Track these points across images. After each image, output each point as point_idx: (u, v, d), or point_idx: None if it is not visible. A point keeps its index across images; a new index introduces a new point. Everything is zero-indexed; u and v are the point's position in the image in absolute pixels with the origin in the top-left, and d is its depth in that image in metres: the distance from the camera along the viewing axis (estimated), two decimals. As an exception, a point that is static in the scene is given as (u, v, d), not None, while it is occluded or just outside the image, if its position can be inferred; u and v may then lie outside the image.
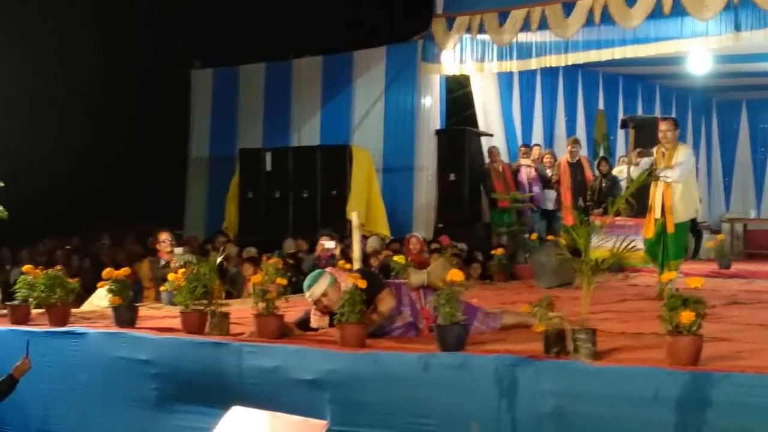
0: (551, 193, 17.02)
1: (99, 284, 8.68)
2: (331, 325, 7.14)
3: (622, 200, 7.50)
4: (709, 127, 23.31)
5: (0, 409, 7.38)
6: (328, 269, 7.50)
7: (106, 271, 8.17)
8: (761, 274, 14.12)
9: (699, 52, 16.17)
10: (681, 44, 14.95)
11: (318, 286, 7.16)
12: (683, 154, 10.40)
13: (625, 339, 6.82)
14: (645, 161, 10.59)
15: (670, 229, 10.04)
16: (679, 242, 10.35)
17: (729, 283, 12.95)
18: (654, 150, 10.65)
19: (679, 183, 10.23)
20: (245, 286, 11.90)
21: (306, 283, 7.26)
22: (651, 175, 10.13)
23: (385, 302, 7.19)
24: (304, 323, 7.42)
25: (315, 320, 7.31)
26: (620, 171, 15.88)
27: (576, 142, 16.68)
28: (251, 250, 13.95)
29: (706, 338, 5.70)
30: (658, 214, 10.22)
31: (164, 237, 12.28)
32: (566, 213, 15.34)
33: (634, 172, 10.77)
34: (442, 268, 7.39)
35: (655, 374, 5.37)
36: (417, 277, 7.58)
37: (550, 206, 17.10)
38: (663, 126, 10.58)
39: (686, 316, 5.51)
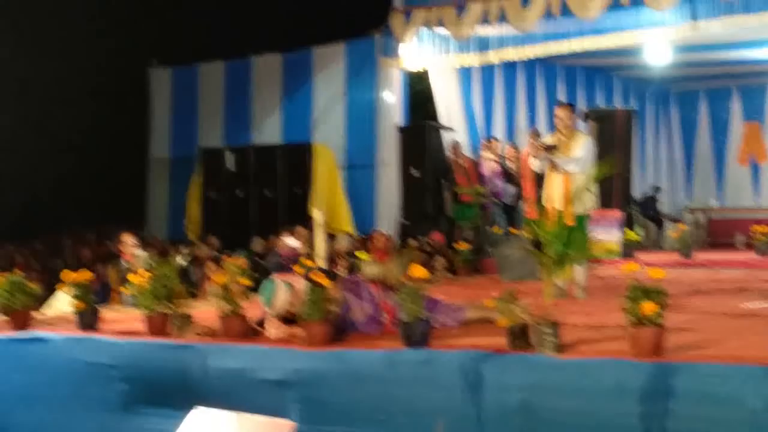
0: (509, 188, 17.07)
1: (58, 286, 8.61)
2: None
3: (579, 193, 7.54)
4: (668, 117, 23.47)
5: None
6: (276, 276, 7.42)
7: (64, 273, 8.09)
8: (724, 263, 14.25)
9: (656, 42, 16.25)
10: (638, 35, 15.03)
11: (279, 299, 7.09)
12: (582, 146, 10.01)
13: (589, 331, 6.85)
14: (543, 155, 10.18)
15: (569, 221, 8.87)
16: (582, 235, 9.74)
17: (692, 272, 13.04)
18: (553, 138, 10.28)
19: (579, 173, 9.80)
20: (204, 286, 11.85)
21: (263, 298, 7.16)
22: (550, 161, 9.97)
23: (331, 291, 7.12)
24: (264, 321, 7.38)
25: (273, 333, 7.20)
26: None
27: (536, 133, 16.70)
28: (204, 249, 13.91)
29: (669, 328, 5.74)
30: (557, 204, 9.66)
31: (127, 239, 12.24)
32: (529, 206, 15.34)
33: (535, 165, 10.48)
34: (398, 267, 7.43)
35: (618, 366, 5.40)
36: (369, 269, 7.62)
37: (508, 200, 17.16)
38: (560, 113, 10.19)
39: (648, 307, 5.54)
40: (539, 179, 15.16)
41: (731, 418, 4.93)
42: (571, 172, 9.81)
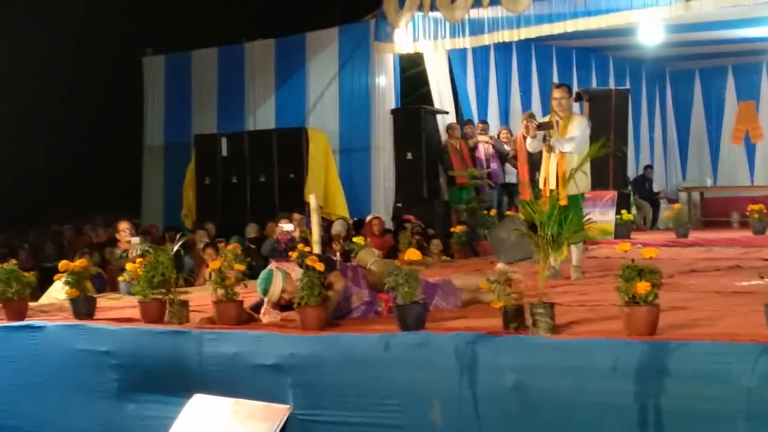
0: (510, 168, 17.05)
1: (56, 276, 8.61)
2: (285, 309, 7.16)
3: (574, 173, 7.54)
4: (663, 97, 23.40)
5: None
6: (273, 264, 7.45)
7: (63, 263, 8.09)
8: (718, 242, 14.25)
9: (650, 22, 16.22)
10: (632, 15, 14.99)
11: (275, 287, 7.08)
12: (578, 126, 9.98)
13: (584, 311, 6.86)
14: (540, 134, 10.15)
15: (563, 201, 8.66)
16: (577, 215, 9.63)
17: (687, 251, 13.07)
18: (548, 118, 10.23)
19: (574, 155, 9.74)
20: (201, 272, 11.86)
21: (260, 287, 7.16)
22: (544, 142, 9.96)
23: (336, 280, 7.15)
24: (259, 307, 7.38)
25: (266, 318, 7.21)
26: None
27: (531, 116, 16.62)
28: (200, 236, 13.93)
29: (664, 307, 5.73)
30: (553, 185, 9.67)
31: (123, 226, 12.31)
32: (523, 188, 15.35)
33: (530, 145, 10.46)
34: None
35: (613, 345, 5.39)
36: (362, 254, 7.74)
37: (513, 179, 17.13)
38: (557, 93, 10.12)
39: (642, 287, 5.53)
40: (535, 162, 15.19)
41: (726, 396, 4.92)
42: (566, 152, 9.80)
